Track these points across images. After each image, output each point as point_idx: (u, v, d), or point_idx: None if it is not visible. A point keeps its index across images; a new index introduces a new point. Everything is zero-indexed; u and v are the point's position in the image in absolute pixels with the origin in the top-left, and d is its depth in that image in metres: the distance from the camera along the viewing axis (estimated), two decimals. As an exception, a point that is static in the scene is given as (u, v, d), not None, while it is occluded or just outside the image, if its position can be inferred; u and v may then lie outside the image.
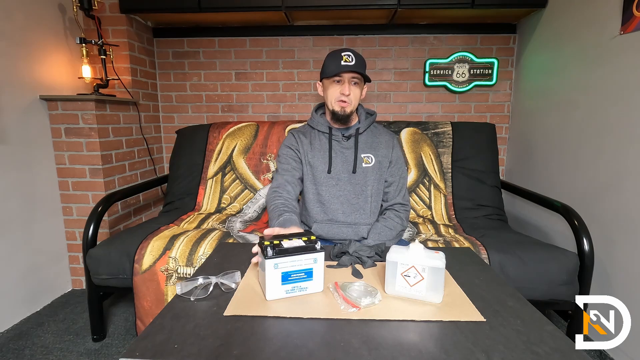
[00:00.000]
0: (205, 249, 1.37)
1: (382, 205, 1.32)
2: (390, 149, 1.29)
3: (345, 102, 1.19)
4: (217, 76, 2.26)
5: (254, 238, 1.48)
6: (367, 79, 1.19)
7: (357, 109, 1.29)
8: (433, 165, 1.88)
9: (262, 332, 0.59)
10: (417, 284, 0.70)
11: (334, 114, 1.23)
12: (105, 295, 1.54)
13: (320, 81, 1.27)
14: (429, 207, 1.83)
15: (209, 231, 1.51)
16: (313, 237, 0.75)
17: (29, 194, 1.66)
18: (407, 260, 0.70)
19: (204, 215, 1.77)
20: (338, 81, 1.19)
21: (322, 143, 1.28)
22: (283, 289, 0.70)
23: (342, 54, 1.15)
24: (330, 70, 1.17)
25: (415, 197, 1.85)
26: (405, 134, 1.92)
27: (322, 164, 1.26)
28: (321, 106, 1.36)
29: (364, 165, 1.25)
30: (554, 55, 1.79)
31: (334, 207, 1.25)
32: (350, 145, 1.26)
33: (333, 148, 1.26)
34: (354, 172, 1.24)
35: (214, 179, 1.92)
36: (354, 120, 1.30)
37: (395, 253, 0.72)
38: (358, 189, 1.26)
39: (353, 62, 1.14)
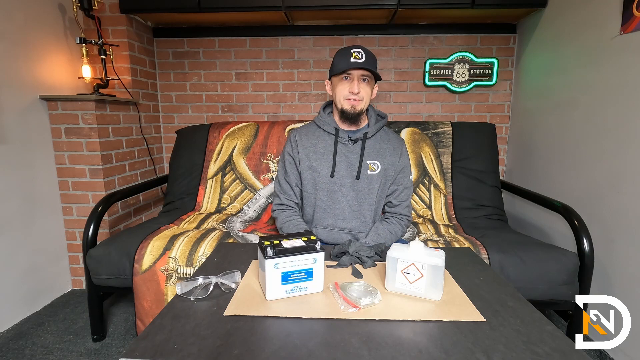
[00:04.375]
0: (205, 249, 1.37)
1: (384, 208, 1.30)
2: (398, 156, 1.23)
3: (354, 99, 1.14)
4: (217, 76, 2.26)
5: (254, 238, 1.48)
6: (377, 77, 1.15)
7: (367, 110, 1.24)
8: (433, 165, 1.88)
9: (262, 332, 0.59)
10: (417, 281, 0.70)
11: (343, 113, 1.17)
12: (105, 295, 1.54)
13: (329, 79, 1.22)
14: (429, 207, 1.83)
15: (209, 231, 1.51)
16: (313, 237, 0.75)
17: (29, 194, 1.66)
18: (407, 258, 0.71)
19: (204, 215, 1.76)
20: (346, 78, 1.13)
21: (326, 145, 1.22)
22: (283, 289, 0.70)
23: (352, 50, 1.11)
24: (338, 68, 1.12)
25: (415, 197, 1.84)
26: (405, 134, 1.92)
27: (326, 167, 1.20)
28: (329, 104, 1.29)
29: (368, 172, 1.20)
30: (554, 55, 1.78)
31: (335, 212, 1.22)
32: (356, 150, 1.20)
33: (338, 151, 1.20)
34: (357, 178, 1.19)
35: (214, 179, 1.92)
36: (363, 122, 1.24)
37: (395, 250, 0.73)
38: (361, 196, 1.21)
39: (363, 59, 1.10)
